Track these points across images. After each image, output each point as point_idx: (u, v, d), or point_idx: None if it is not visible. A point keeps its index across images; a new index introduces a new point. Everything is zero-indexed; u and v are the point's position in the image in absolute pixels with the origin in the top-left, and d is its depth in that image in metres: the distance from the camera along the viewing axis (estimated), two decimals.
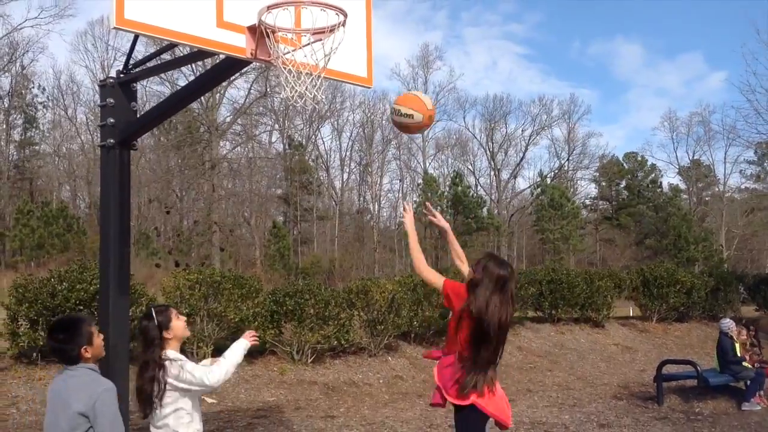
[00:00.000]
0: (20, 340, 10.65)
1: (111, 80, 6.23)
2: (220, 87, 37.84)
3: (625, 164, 69.30)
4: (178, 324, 4.61)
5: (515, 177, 65.21)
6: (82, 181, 48.82)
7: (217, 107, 41.65)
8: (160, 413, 4.41)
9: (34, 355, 10.96)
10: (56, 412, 3.68)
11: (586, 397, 12.54)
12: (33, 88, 50.11)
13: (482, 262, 4.75)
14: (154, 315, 4.54)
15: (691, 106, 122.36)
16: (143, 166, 40.33)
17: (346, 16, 5.18)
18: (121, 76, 6.27)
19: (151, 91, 37.67)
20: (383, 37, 74.49)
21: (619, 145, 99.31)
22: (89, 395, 3.59)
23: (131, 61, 6.36)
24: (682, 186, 66.93)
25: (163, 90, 36.92)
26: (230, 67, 5.89)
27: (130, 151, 6.28)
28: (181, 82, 34.56)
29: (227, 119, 43.73)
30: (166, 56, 8.12)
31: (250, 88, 41.98)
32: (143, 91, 36.04)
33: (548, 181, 61.90)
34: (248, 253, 48.27)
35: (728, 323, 12.67)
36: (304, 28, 5.29)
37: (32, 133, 50.74)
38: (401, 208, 5.26)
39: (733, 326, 12.67)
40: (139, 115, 6.46)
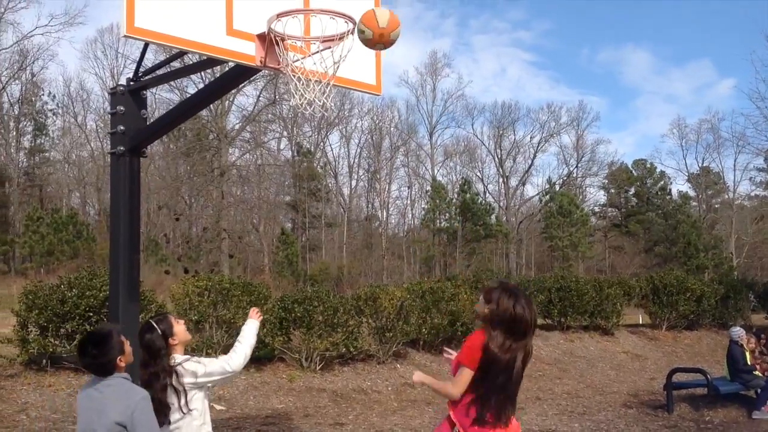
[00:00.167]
0: (30, 347, 10.68)
1: (121, 88, 6.26)
2: (229, 94, 37.96)
3: (634, 171, 69.13)
4: (180, 329, 4.60)
5: (524, 184, 65.21)
6: (92, 188, 48.98)
7: (226, 114, 41.83)
8: (170, 418, 4.34)
9: (44, 361, 10.99)
10: (91, 422, 3.69)
11: (596, 406, 12.49)
12: (43, 95, 50.43)
13: (494, 295, 4.36)
14: (156, 325, 4.49)
15: (700, 114, 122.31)
16: (152, 173, 40.45)
17: (355, 24, 5.19)
18: (131, 83, 6.30)
19: (160, 99, 37.92)
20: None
21: (628, 152, 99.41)
22: (126, 405, 3.62)
23: (141, 69, 6.39)
24: (692, 193, 66.77)
25: (173, 97, 37.14)
26: (240, 74, 5.91)
27: (140, 159, 6.30)
28: (191, 90, 34.69)
29: (236, 126, 43.92)
30: (176, 64, 8.15)
31: (259, 96, 42.16)
32: (153, 99, 36.26)
33: (557, 188, 61.83)
34: (257, 259, 48.34)
35: (739, 331, 12.61)
36: (314, 36, 5.31)
37: (42, 141, 50.98)
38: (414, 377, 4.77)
39: (744, 334, 12.61)
40: (149, 122, 6.49)
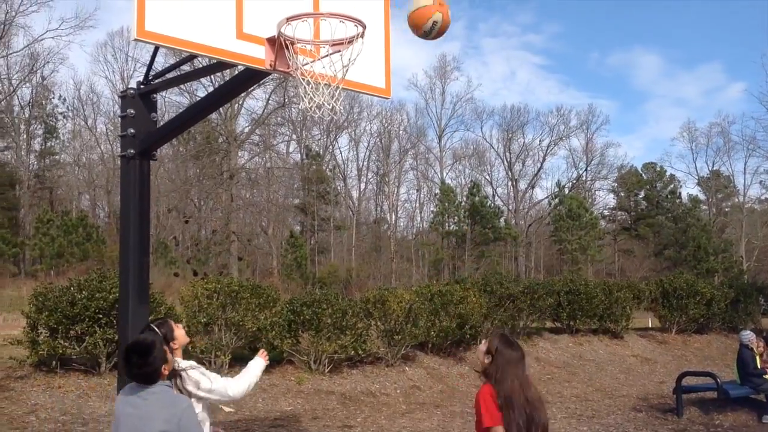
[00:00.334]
0: (40, 348, 10.73)
1: (131, 91, 6.29)
2: (238, 98, 38.04)
3: (643, 175, 68.94)
4: (180, 333, 4.62)
5: (533, 187, 65.11)
6: (102, 190, 49.17)
7: (236, 118, 41.95)
8: None
9: (54, 363, 11.04)
10: (135, 428, 3.72)
11: (605, 409, 12.46)
12: (53, 98, 50.65)
13: (494, 346, 4.38)
14: (157, 329, 4.49)
15: (710, 117, 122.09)
16: (162, 176, 40.58)
17: (364, 27, 5.20)
18: (142, 87, 6.32)
19: (170, 102, 38.07)
20: (401, 48, 74.57)
21: (638, 155, 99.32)
22: (173, 413, 3.66)
23: (151, 73, 6.41)
24: (702, 197, 66.55)
25: (183, 101, 37.28)
26: (249, 78, 5.92)
27: (150, 162, 6.33)
28: (201, 93, 34.84)
29: (245, 129, 44.05)
30: (186, 67, 8.18)
31: (268, 99, 42.29)
32: (162, 102, 36.38)
33: (566, 191, 61.71)
34: (266, 262, 48.41)
35: (749, 335, 12.56)
36: (323, 40, 5.32)
37: (52, 143, 51.19)
38: None
39: (754, 338, 12.56)
40: (158, 125, 6.51)
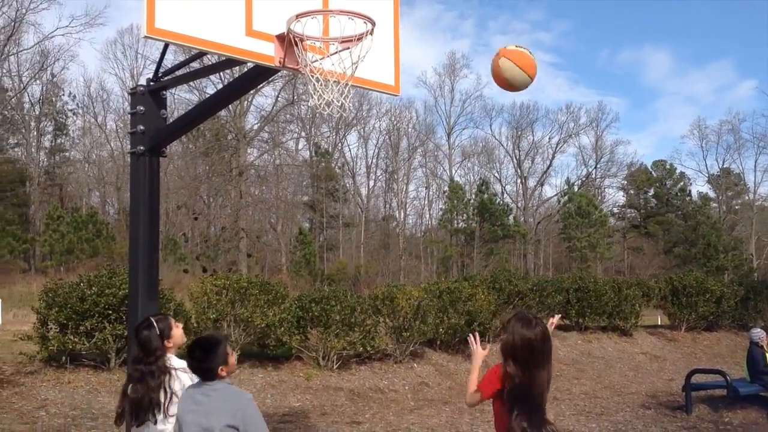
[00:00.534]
0: (50, 344, 10.80)
1: (141, 88, 6.31)
2: (247, 95, 38.09)
3: (653, 172, 68.68)
4: (178, 332, 4.60)
5: (542, 185, 64.95)
6: (112, 187, 49.28)
7: (245, 115, 42.02)
8: (158, 422, 4.29)
9: (63, 358, 11.10)
10: (199, 423, 3.79)
11: (614, 406, 12.45)
12: (63, 95, 50.80)
13: (509, 325, 4.39)
14: (155, 324, 4.49)
15: (720, 114, 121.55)
16: (171, 173, 40.66)
17: (374, 24, 5.21)
18: (151, 84, 6.35)
19: (179, 99, 38.12)
20: (410, 46, 74.61)
21: (648, 153, 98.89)
22: (236, 408, 3.75)
23: (161, 70, 6.44)
24: (712, 194, 66.29)
25: (192, 98, 37.34)
26: (259, 75, 5.94)
27: (160, 158, 6.35)
28: (210, 90, 34.88)
29: (255, 127, 44.10)
30: (195, 65, 8.20)
31: (277, 96, 42.33)
32: (172, 99, 36.45)
33: (575, 188, 61.57)
34: (275, 259, 48.47)
35: (759, 333, 12.52)
36: (332, 37, 5.33)
37: (62, 140, 51.36)
38: (473, 343, 4.82)
39: (764, 336, 12.52)
40: (168, 122, 6.54)
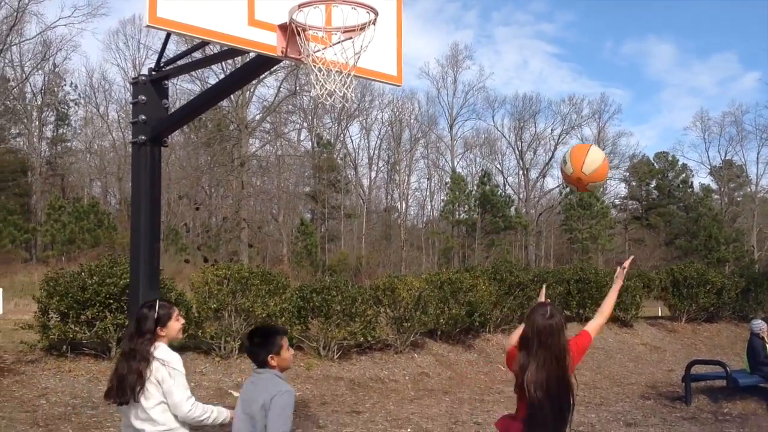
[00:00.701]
0: (51, 333, 10.83)
1: (143, 78, 6.32)
2: (249, 85, 38.06)
3: (655, 164, 68.62)
4: (175, 325, 4.52)
5: (544, 176, 64.85)
6: (113, 177, 49.28)
7: (247, 105, 41.98)
8: (145, 405, 4.28)
9: (64, 347, 11.14)
10: (246, 408, 4.04)
11: (613, 397, 12.49)
12: (65, 85, 50.76)
13: (529, 314, 4.31)
14: (156, 307, 4.46)
15: (723, 106, 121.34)
16: (173, 163, 40.66)
17: (376, 14, 5.21)
18: (153, 73, 6.35)
19: (181, 89, 38.08)
20: (413, 36, 74.43)
21: (650, 144, 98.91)
22: (270, 393, 3.94)
23: (163, 59, 6.44)
24: (714, 186, 66.27)
25: (194, 88, 37.30)
26: (261, 65, 5.95)
27: (161, 148, 6.36)
28: (212, 80, 34.86)
29: (257, 117, 44.05)
30: (198, 54, 8.21)
31: (279, 87, 42.28)
32: (174, 90, 36.39)
33: None
34: (276, 249, 48.52)
35: (760, 324, 12.54)
36: (335, 27, 5.34)
37: (64, 130, 51.35)
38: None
39: (765, 327, 12.54)
40: (170, 112, 6.54)
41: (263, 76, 36.94)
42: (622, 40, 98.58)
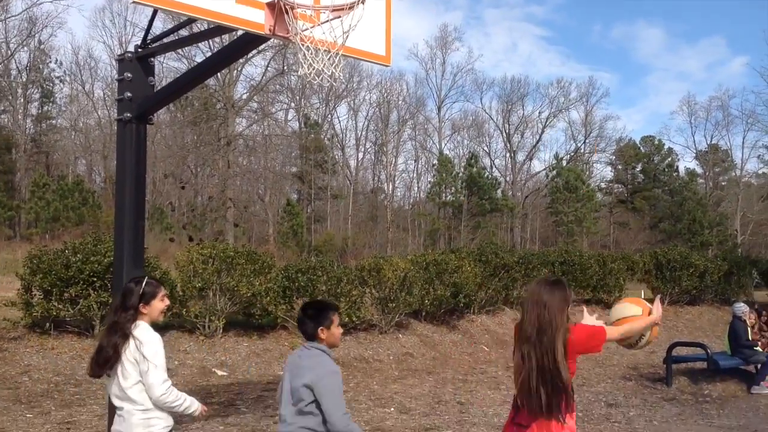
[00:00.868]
0: (34, 310, 10.83)
1: (129, 54, 6.28)
2: (237, 64, 37.83)
3: (641, 148, 68.85)
4: (159, 305, 4.42)
5: (531, 159, 65.05)
6: (98, 155, 48.97)
7: (234, 84, 41.67)
8: (122, 384, 4.24)
9: (47, 325, 11.12)
10: (290, 381, 4.16)
11: (595, 377, 12.60)
12: (50, 62, 50.29)
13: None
14: (143, 283, 4.39)
15: (710, 91, 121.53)
16: (159, 142, 40.44)
17: None
18: (139, 50, 6.31)
19: (168, 68, 37.76)
20: (402, 17, 74.11)
21: (637, 128, 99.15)
22: (317, 374, 4.02)
23: (149, 36, 6.40)
24: (699, 170, 66.57)
25: (180, 66, 36.95)
26: (248, 43, 5.91)
27: (147, 126, 6.33)
28: (199, 59, 34.57)
29: (244, 96, 43.77)
30: (184, 32, 8.16)
31: (267, 66, 41.98)
32: (160, 68, 36.11)
33: (564, 163, 61.69)
34: (262, 229, 48.44)
35: (742, 307, 12.66)
36: (324, 5, 5.32)
37: (49, 108, 50.92)
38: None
39: (748, 311, 12.67)
40: (156, 90, 6.51)
41: (251, 54, 36.75)
42: (611, 23, 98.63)
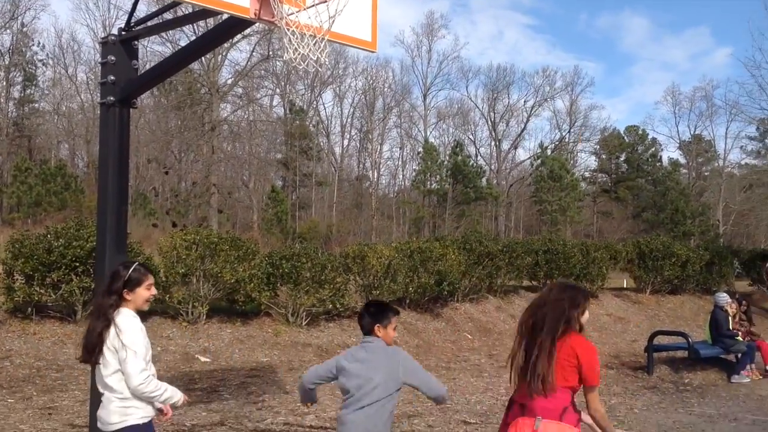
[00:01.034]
0: (15, 295, 10.74)
1: (112, 37, 6.21)
2: (222, 48, 37.65)
3: (626, 138, 69.18)
4: (143, 294, 4.30)
5: (515, 148, 65.25)
6: (81, 140, 48.61)
7: (219, 69, 41.48)
8: (102, 372, 4.18)
9: (29, 309, 11.04)
10: (362, 374, 4.32)
11: None
12: (33, 45, 49.83)
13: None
14: (130, 269, 4.29)
15: (695, 81, 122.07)
16: (143, 127, 40.15)
17: None
18: (123, 33, 6.25)
19: (152, 51, 37.48)
20: (388, 3, 73.80)
21: (621, 118, 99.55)
22: (396, 362, 4.32)
23: (133, 19, 6.33)
24: (682, 161, 67.01)
25: (165, 50, 36.71)
26: (233, 27, 5.85)
27: (130, 110, 6.28)
28: (183, 43, 34.36)
29: (228, 81, 43.57)
30: (168, 15, 8.08)
31: (252, 51, 41.80)
32: (144, 52, 35.82)
33: (548, 152, 61.85)
34: (246, 216, 48.34)
35: (725, 297, 12.76)
36: None
37: (32, 91, 50.48)
38: None
39: (730, 300, 12.76)
40: (139, 73, 6.45)
41: (236, 39, 36.62)
42: (597, 12, 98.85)
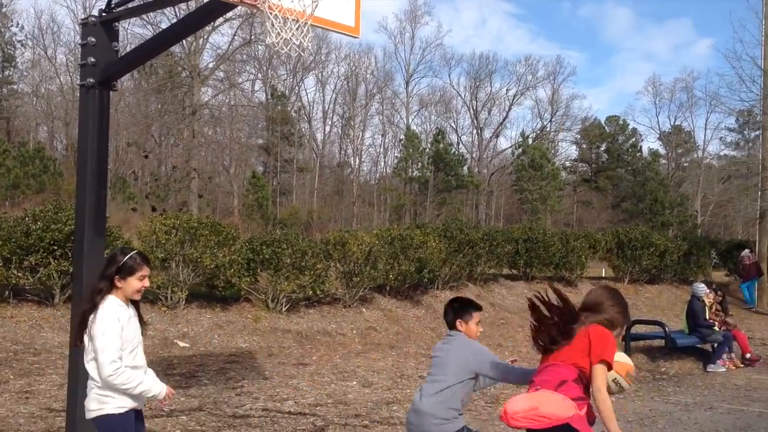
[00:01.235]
0: None
1: (93, 19, 6.13)
2: (203, 32, 37.33)
3: (606, 127, 69.46)
4: (135, 284, 4.21)
5: (497, 136, 65.34)
6: (60, 122, 48.12)
7: (200, 52, 41.11)
8: (85, 357, 4.15)
9: (6, 293, 10.95)
10: (440, 366, 4.73)
11: None
12: (12, 26, 49.19)
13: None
14: (125, 256, 4.22)
15: (676, 72, 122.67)
16: (122, 110, 39.78)
17: None
18: (104, 14, 6.17)
19: (133, 34, 37.09)
20: None
21: (603, 108, 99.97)
22: (468, 352, 4.70)
23: (114, 1, 6.25)
24: (662, 151, 67.40)
25: (146, 33, 36.28)
26: (215, 9, 5.78)
27: (110, 92, 6.21)
28: (165, 26, 34.03)
29: (210, 65, 43.23)
30: None
31: (234, 35, 41.45)
32: (125, 34, 35.46)
33: (530, 141, 62.02)
34: (227, 201, 48.13)
35: (703, 288, 12.88)
36: None
37: (10, 72, 49.86)
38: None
39: (708, 291, 12.88)
40: (120, 55, 6.38)
41: (218, 23, 36.30)
42: (580, 1, 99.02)
